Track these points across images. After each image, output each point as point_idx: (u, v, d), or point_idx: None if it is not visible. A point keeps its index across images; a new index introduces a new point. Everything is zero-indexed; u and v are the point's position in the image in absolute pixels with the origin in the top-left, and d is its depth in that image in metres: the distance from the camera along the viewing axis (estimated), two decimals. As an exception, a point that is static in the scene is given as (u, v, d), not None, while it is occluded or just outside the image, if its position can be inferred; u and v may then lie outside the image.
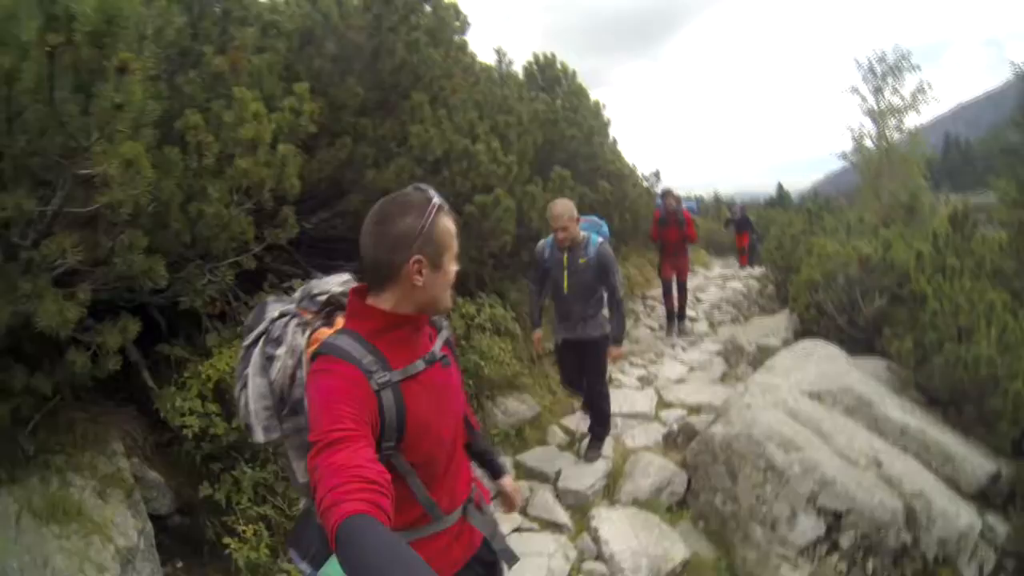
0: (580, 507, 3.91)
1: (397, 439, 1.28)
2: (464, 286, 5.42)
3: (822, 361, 4.50)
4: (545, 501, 3.87)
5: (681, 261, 7.74)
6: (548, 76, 7.95)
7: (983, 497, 3.46)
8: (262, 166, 2.68)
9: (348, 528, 0.94)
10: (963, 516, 3.21)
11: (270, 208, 2.86)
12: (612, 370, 6.21)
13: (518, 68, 7.59)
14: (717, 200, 24.22)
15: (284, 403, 1.42)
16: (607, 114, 8.71)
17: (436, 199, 1.30)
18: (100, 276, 2.45)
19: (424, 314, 1.37)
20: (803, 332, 5.72)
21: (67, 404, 2.82)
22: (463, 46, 5.45)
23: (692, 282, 11.18)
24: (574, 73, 8.08)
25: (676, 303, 7.80)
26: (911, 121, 18.55)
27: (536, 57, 8.12)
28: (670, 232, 7.55)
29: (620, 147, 8.94)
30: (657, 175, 10.30)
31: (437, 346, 1.43)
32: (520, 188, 5.37)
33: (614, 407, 5.19)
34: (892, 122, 18.28)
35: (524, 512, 3.83)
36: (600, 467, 4.24)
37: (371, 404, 1.21)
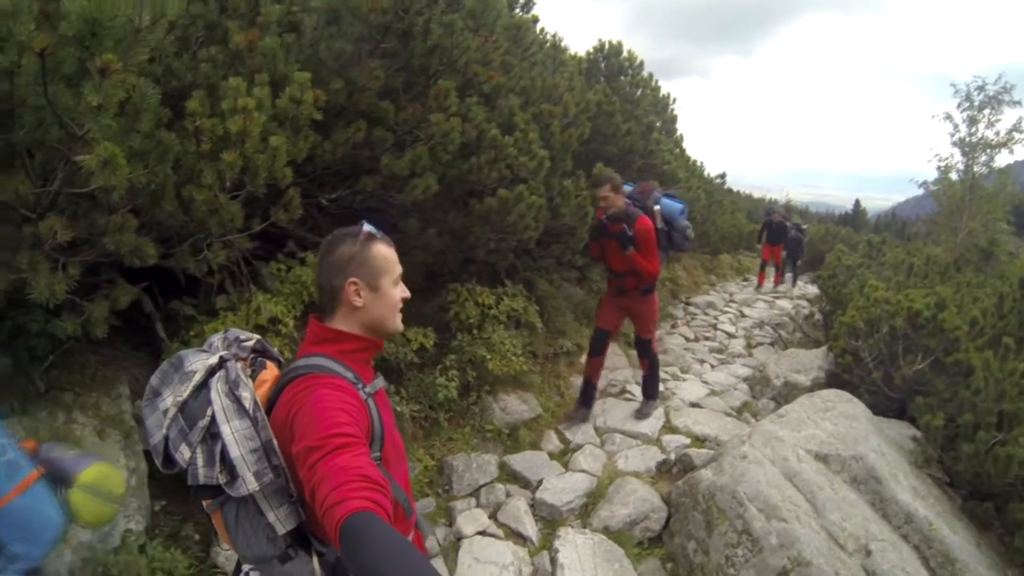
0: (552, 522, 3.87)
1: (380, 448, 1.34)
2: (488, 275, 5.38)
3: (840, 419, 4.18)
4: (516, 509, 3.85)
5: (633, 306, 4.68)
6: (612, 65, 7.50)
7: (975, 611, 3.18)
8: (257, 155, 2.67)
9: (352, 524, 0.97)
10: (943, 631, 2.96)
11: (263, 195, 2.87)
12: (631, 381, 6.05)
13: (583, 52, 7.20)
14: (788, 208, 22.64)
15: None
16: (676, 109, 8.16)
17: (367, 228, 1.42)
18: (98, 250, 2.57)
19: (379, 338, 1.47)
20: (836, 376, 5.34)
21: (82, 346, 3.02)
22: (523, 26, 5.21)
23: (741, 294, 10.47)
24: (641, 63, 7.57)
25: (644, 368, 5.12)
26: (1003, 159, 16.67)
27: (600, 44, 7.62)
28: (610, 251, 4.46)
29: (685, 143, 8.42)
30: (723, 177, 9.61)
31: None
32: (558, 181, 5.19)
33: (615, 423, 5.09)
34: (982, 157, 16.39)
35: (493, 516, 3.84)
36: (583, 485, 4.18)
37: (364, 413, 1.28)
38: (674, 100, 8.64)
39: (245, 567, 1.41)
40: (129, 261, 2.55)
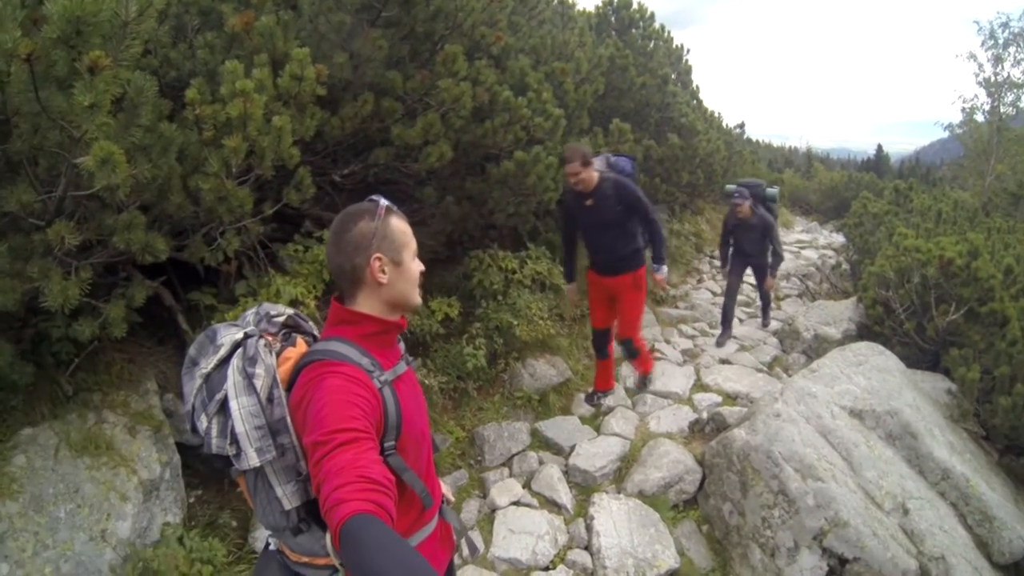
0: (586, 488, 3.87)
1: (396, 437, 1.32)
2: (511, 239, 5.29)
3: (873, 373, 4.09)
4: (550, 477, 3.84)
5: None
6: (622, 18, 7.25)
7: (1015, 568, 3.13)
8: (261, 137, 2.59)
9: (351, 527, 0.97)
10: (983, 590, 2.92)
11: (273, 177, 2.79)
12: (659, 339, 5.96)
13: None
14: (809, 156, 21.81)
15: None
16: (690, 59, 7.85)
17: (383, 202, 1.39)
18: (110, 250, 2.53)
19: (402, 317, 1.45)
20: (867, 327, 5.21)
21: (107, 345, 3.02)
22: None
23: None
24: (652, 15, 7.32)
25: None
26: (1031, 99, 15.82)
27: (609, -2, 7.31)
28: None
29: (702, 95, 8.13)
30: (742, 127, 9.27)
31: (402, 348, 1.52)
32: (575, 139, 5.04)
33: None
34: (1009, 97, 15.51)
35: (527, 486, 3.84)
36: (615, 449, 4.15)
37: (376, 403, 1.25)
38: (688, 51, 8.36)
39: (266, 532, 1.46)
40: (141, 258, 2.51)
